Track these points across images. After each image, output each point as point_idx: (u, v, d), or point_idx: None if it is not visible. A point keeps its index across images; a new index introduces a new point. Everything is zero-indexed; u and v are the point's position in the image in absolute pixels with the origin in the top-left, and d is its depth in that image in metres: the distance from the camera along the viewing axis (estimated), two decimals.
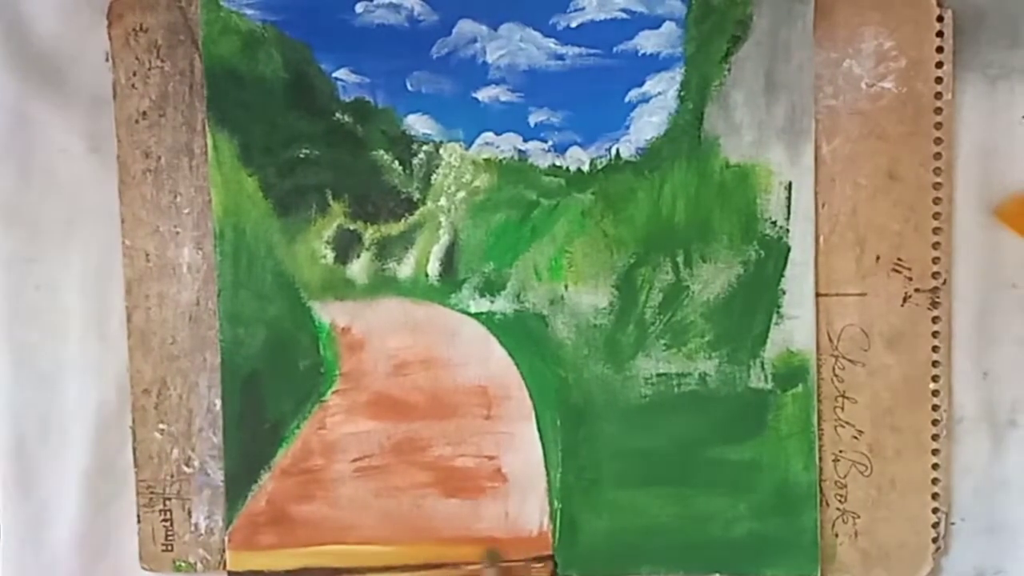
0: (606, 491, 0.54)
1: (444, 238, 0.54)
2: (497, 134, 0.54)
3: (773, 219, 0.54)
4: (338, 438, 0.54)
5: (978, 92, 0.54)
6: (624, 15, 0.53)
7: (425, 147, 0.54)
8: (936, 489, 0.54)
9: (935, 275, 0.54)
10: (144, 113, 0.54)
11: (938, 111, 0.53)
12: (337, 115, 0.54)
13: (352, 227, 0.54)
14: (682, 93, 0.54)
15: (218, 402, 0.54)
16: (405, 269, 0.54)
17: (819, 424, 0.54)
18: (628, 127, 0.54)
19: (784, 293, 0.54)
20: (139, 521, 0.55)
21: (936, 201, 0.54)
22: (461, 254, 0.54)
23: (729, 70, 0.53)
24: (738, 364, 0.54)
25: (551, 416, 0.54)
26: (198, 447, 0.54)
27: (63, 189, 0.54)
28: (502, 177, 0.54)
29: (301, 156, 0.54)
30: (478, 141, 0.54)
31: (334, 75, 0.53)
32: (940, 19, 0.53)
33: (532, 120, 0.54)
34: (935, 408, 0.54)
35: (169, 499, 0.55)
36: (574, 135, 0.54)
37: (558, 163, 0.54)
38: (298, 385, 0.54)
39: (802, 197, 0.54)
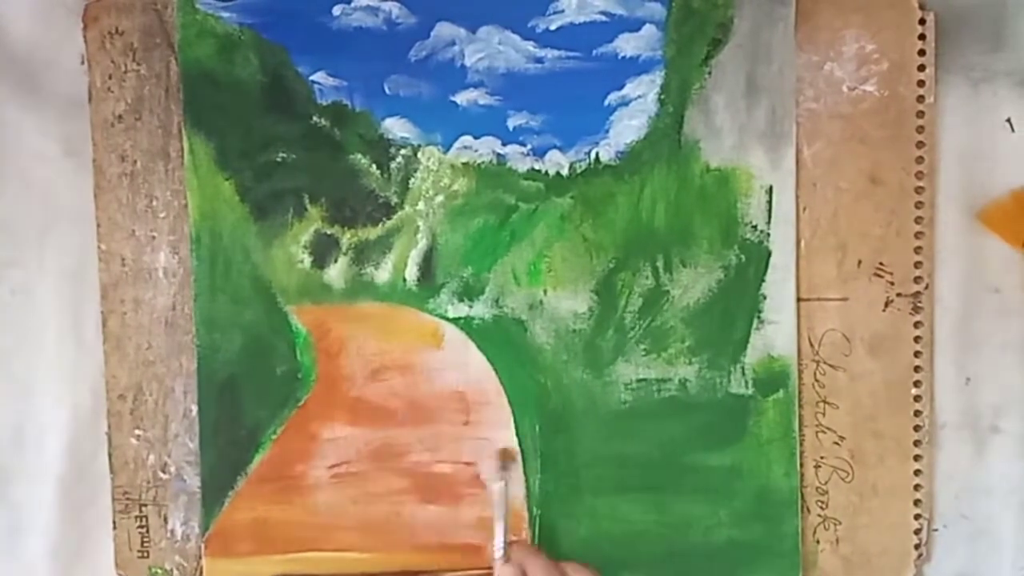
0: (585, 498, 0.54)
1: (422, 242, 0.54)
2: (475, 137, 0.53)
3: (754, 223, 0.53)
4: (316, 444, 0.54)
5: (961, 95, 0.54)
6: (603, 18, 0.53)
7: (403, 151, 0.54)
8: (918, 495, 0.54)
9: (917, 280, 0.54)
10: (120, 116, 0.53)
11: (920, 114, 0.53)
12: (314, 119, 0.53)
13: (329, 231, 0.54)
14: (662, 96, 0.53)
15: (194, 407, 0.54)
16: (383, 274, 0.54)
17: (800, 430, 0.54)
18: (607, 130, 0.53)
19: (765, 298, 0.54)
20: (115, 527, 0.54)
21: (918, 205, 0.53)
22: (439, 259, 0.54)
23: (709, 73, 0.53)
24: (718, 369, 0.54)
25: (530, 422, 0.54)
26: (174, 453, 0.54)
27: (38, 193, 0.54)
28: (480, 181, 0.54)
29: (278, 160, 0.53)
30: (456, 145, 0.53)
31: (311, 78, 0.53)
32: (922, 22, 0.53)
33: (511, 123, 0.53)
34: (917, 414, 0.54)
35: (145, 505, 0.54)
36: (553, 138, 0.53)
37: (537, 167, 0.53)
38: (275, 390, 0.54)
39: (783, 201, 0.53)
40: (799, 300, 0.54)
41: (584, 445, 0.54)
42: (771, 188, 0.53)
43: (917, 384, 0.54)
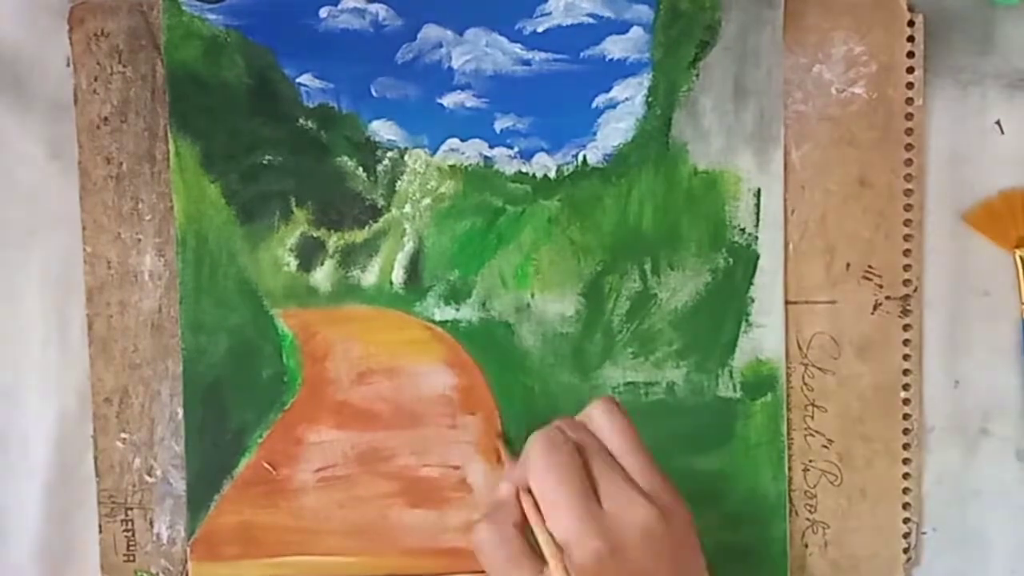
0: None
1: (409, 245, 0.54)
2: (463, 140, 0.53)
3: (742, 226, 0.53)
4: (302, 448, 0.54)
5: (949, 97, 0.54)
6: (591, 20, 0.53)
7: (390, 153, 0.53)
8: (907, 499, 0.54)
9: (906, 282, 0.53)
10: (106, 119, 0.53)
11: (909, 117, 0.53)
12: (301, 121, 0.53)
13: (316, 234, 0.54)
14: (650, 99, 0.53)
15: (180, 411, 0.53)
16: (369, 277, 0.54)
17: (788, 433, 0.54)
18: (595, 133, 0.53)
19: (753, 301, 0.53)
20: (100, 531, 0.54)
21: (907, 208, 0.53)
22: (426, 262, 0.54)
23: (697, 76, 0.53)
24: (706, 373, 0.54)
25: (517, 425, 0.54)
26: (160, 456, 0.54)
27: (23, 196, 0.54)
28: (468, 184, 0.53)
29: (264, 162, 0.53)
30: (443, 147, 0.53)
31: (298, 81, 0.53)
32: (911, 24, 0.53)
33: (498, 126, 0.53)
34: (906, 417, 0.54)
35: (131, 509, 0.54)
36: (540, 141, 0.53)
37: (524, 170, 0.53)
38: (261, 394, 0.54)
39: (771, 204, 0.53)
40: (787, 303, 0.54)
41: None
42: (759, 191, 0.53)
43: (906, 387, 0.54)
